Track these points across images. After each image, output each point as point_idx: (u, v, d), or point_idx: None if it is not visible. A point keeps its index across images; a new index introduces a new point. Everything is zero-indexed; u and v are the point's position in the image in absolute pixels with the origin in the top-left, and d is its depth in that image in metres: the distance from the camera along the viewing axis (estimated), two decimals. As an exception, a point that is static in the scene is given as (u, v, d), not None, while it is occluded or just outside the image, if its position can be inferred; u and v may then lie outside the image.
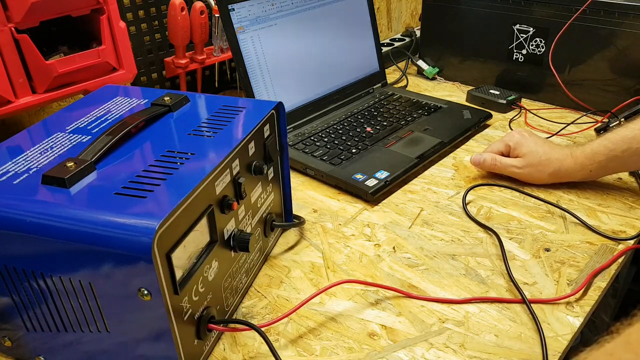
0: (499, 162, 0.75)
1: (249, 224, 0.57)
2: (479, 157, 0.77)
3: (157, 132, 0.54)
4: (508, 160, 0.75)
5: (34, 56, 0.66)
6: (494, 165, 0.76)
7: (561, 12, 0.94)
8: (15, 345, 0.50)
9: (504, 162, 0.75)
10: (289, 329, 0.54)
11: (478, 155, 0.77)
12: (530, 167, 0.73)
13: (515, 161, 0.74)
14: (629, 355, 0.27)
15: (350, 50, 1.00)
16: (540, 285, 0.58)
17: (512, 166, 0.74)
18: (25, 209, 0.42)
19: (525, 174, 0.74)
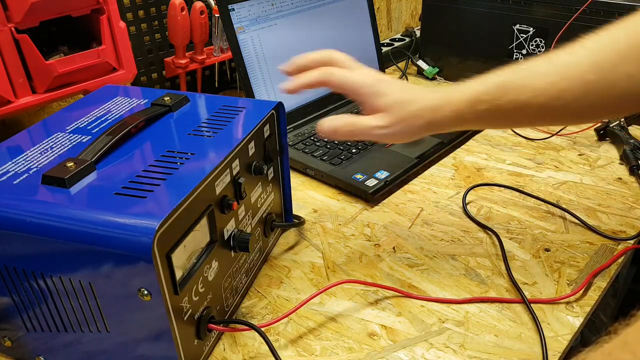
0: (356, 123, 0.55)
1: (249, 224, 0.57)
2: (327, 123, 0.56)
3: (157, 132, 0.54)
4: (367, 120, 0.55)
5: (34, 56, 0.66)
6: (350, 131, 0.55)
7: (561, 12, 0.94)
8: (15, 345, 0.50)
9: (361, 123, 0.55)
10: (289, 329, 0.54)
11: (325, 121, 0.56)
12: (399, 123, 0.54)
13: (378, 119, 0.54)
14: (627, 356, 0.27)
15: (350, 50, 0.99)
16: (540, 285, 0.58)
17: (374, 127, 0.55)
18: (25, 209, 0.42)
19: (392, 134, 0.55)
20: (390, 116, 0.54)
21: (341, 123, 0.56)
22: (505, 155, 0.85)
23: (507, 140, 0.89)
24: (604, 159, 0.82)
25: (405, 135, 0.55)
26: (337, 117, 0.56)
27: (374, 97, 0.55)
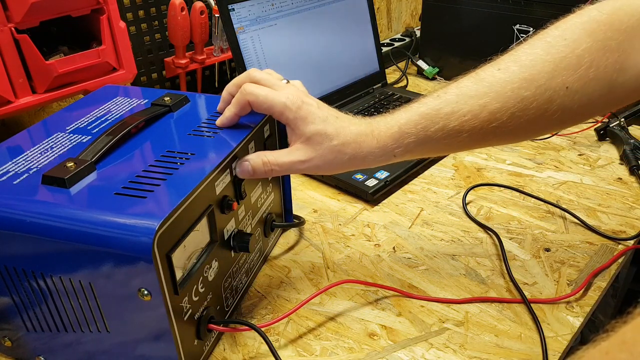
0: (274, 163, 0.51)
1: (249, 224, 0.57)
2: (245, 165, 0.51)
3: (157, 132, 0.54)
4: (285, 156, 0.51)
5: (34, 56, 0.66)
6: (269, 171, 0.51)
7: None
8: (15, 345, 0.50)
9: (280, 160, 0.51)
10: (288, 329, 0.54)
11: (242, 162, 0.51)
12: (319, 158, 0.50)
13: (297, 153, 0.51)
14: (624, 355, 0.27)
15: (350, 50, 1.00)
16: (540, 285, 0.58)
17: (296, 162, 0.51)
18: (25, 209, 0.42)
19: (312, 168, 0.51)
20: (311, 149, 0.50)
21: (257, 163, 0.51)
22: (505, 155, 0.85)
23: (507, 140, 0.89)
24: (604, 159, 0.82)
25: (327, 169, 0.52)
26: (253, 157, 0.51)
27: (297, 123, 0.50)
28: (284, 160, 0.51)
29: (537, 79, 0.48)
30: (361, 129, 0.51)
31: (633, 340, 0.27)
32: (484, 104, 0.49)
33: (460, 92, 0.50)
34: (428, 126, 0.50)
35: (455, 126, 0.49)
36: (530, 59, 0.49)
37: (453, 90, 0.50)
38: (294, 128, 0.51)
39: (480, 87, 0.50)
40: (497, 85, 0.49)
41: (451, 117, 0.49)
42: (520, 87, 0.48)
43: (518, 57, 0.50)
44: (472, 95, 0.49)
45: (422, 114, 0.50)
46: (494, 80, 0.49)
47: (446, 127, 0.49)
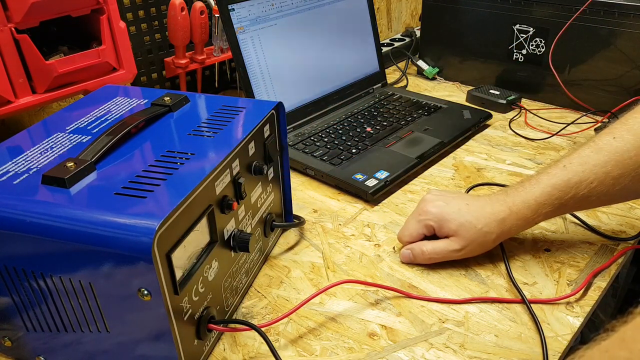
0: (432, 252, 0.60)
1: (249, 224, 0.57)
2: (407, 253, 0.62)
3: (157, 132, 0.54)
4: (443, 246, 0.60)
5: (34, 56, 0.66)
6: (429, 259, 0.61)
7: (561, 12, 0.94)
8: (15, 345, 0.50)
9: (438, 249, 0.60)
10: (289, 329, 0.54)
11: (404, 251, 0.62)
12: (471, 243, 0.58)
13: (451, 243, 0.59)
14: (624, 353, 0.28)
15: (350, 50, 1.00)
16: (540, 286, 0.58)
17: (452, 251, 0.59)
18: (25, 209, 0.42)
19: (468, 253, 0.60)
20: (463, 239, 0.58)
21: (417, 252, 0.61)
22: (505, 155, 0.85)
23: (507, 140, 0.89)
24: (604, 159, 0.82)
25: (480, 250, 0.60)
26: (414, 246, 0.61)
27: (441, 226, 0.59)
28: (442, 250, 0.60)
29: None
30: (496, 208, 0.58)
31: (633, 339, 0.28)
32: (607, 171, 0.55)
33: (583, 161, 0.56)
34: (561, 196, 0.56)
35: (584, 193, 0.56)
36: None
37: (576, 160, 0.57)
38: (441, 228, 0.60)
39: (601, 156, 0.55)
40: (616, 154, 0.55)
41: (580, 186, 0.56)
42: (638, 155, 0.54)
43: (629, 125, 0.56)
44: (594, 164, 0.55)
45: (554, 185, 0.56)
46: (612, 149, 0.55)
47: (577, 195, 0.56)
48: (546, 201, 0.57)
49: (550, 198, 0.56)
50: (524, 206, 0.57)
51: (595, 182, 0.55)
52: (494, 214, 0.58)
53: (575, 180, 0.56)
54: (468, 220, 0.58)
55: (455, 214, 0.59)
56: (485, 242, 0.59)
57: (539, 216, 0.58)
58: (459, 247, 0.59)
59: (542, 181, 0.57)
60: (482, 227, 0.58)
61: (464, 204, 0.59)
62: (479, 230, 0.58)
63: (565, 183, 0.56)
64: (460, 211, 0.59)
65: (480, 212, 0.58)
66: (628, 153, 0.54)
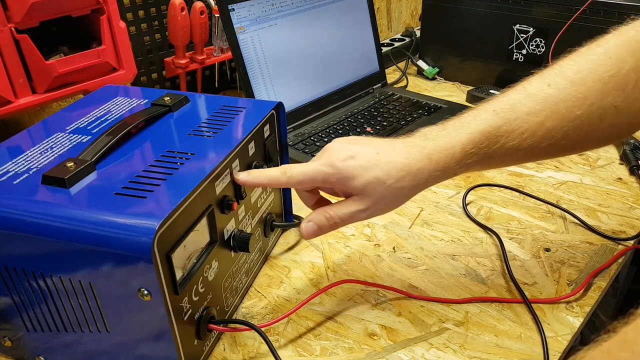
0: (336, 217, 0.50)
1: (249, 224, 0.57)
2: (310, 225, 0.50)
3: (157, 132, 0.54)
4: (345, 208, 0.50)
5: (34, 56, 0.66)
6: (333, 224, 0.50)
7: (561, 12, 0.94)
8: (15, 345, 0.50)
9: (341, 213, 0.49)
10: (288, 329, 0.54)
11: (306, 224, 0.50)
12: (379, 202, 0.49)
13: (355, 204, 0.49)
14: (625, 354, 0.28)
15: (350, 50, 1.00)
16: (540, 285, 0.58)
17: (356, 212, 0.49)
18: (25, 209, 0.42)
19: (376, 212, 0.50)
20: (368, 197, 0.49)
21: (321, 220, 0.50)
22: (505, 155, 0.84)
23: (507, 140, 0.89)
24: (604, 159, 0.82)
25: (390, 208, 0.51)
26: (315, 216, 0.50)
27: (343, 182, 0.49)
28: (345, 212, 0.50)
29: (589, 98, 0.48)
30: (412, 155, 0.49)
31: (634, 340, 0.27)
32: (541, 121, 0.49)
33: (514, 107, 0.49)
34: (490, 145, 0.49)
35: (514, 144, 0.49)
36: (578, 76, 0.49)
37: (506, 106, 0.50)
38: (344, 187, 0.50)
39: (534, 103, 0.49)
40: (550, 102, 0.49)
41: (510, 135, 0.49)
42: (574, 106, 0.48)
43: (564, 73, 0.50)
44: (527, 112, 0.49)
45: (484, 132, 0.49)
46: (546, 96, 0.49)
47: (506, 145, 0.49)
48: (473, 149, 0.49)
49: (477, 146, 0.49)
50: (447, 154, 0.49)
51: (527, 133, 0.49)
52: (409, 165, 0.48)
53: (505, 129, 0.48)
54: (376, 177, 0.48)
55: (361, 169, 0.48)
56: (396, 198, 0.50)
57: (461, 167, 0.49)
58: (365, 207, 0.49)
59: (470, 125, 0.49)
60: (392, 182, 0.48)
61: (374, 153, 0.49)
62: (388, 186, 0.48)
63: (496, 130, 0.48)
64: (369, 165, 0.48)
65: (392, 163, 0.48)
66: (564, 103, 0.48)
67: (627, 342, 0.28)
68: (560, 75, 0.50)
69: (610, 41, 0.51)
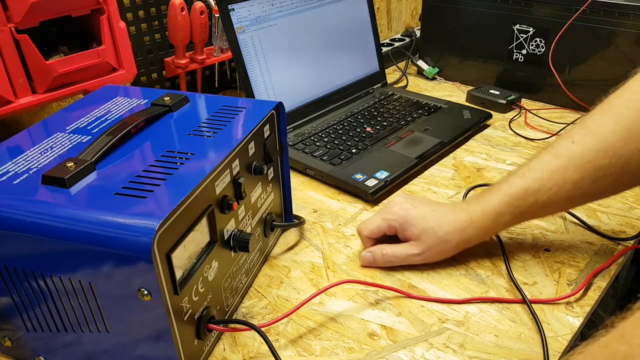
0: (392, 255, 0.60)
1: (249, 224, 0.57)
2: (368, 256, 0.61)
3: (157, 132, 0.54)
4: (402, 250, 0.60)
5: (34, 56, 0.66)
6: (388, 262, 0.61)
7: (561, 12, 0.94)
8: (15, 345, 0.50)
9: (398, 253, 0.60)
10: (288, 329, 0.54)
11: (366, 254, 0.61)
12: (431, 249, 0.59)
13: (411, 247, 0.59)
14: (623, 347, 0.28)
15: (350, 50, 1.00)
16: (540, 285, 0.58)
17: (411, 255, 0.59)
18: (25, 209, 0.42)
19: (427, 259, 0.60)
20: (423, 244, 0.59)
21: (378, 255, 0.61)
22: (505, 155, 0.85)
23: (507, 140, 0.89)
24: (604, 159, 0.82)
25: (438, 258, 0.60)
26: (374, 249, 0.61)
27: (404, 229, 0.60)
28: (402, 254, 0.60)
29: (612, 148, 0.53)
30: (459, 217, 0.58)
31: (632, 334, 0.28)
32: (566, 177, 0.54)
33: (542, 168, 0.55)
34: (521, 205, 0.56)
35: (544, 200, 0.55)
36: (601, 129, 0.54)
37: (535, 167, 0.56)
38: (404, 231, 0.60)
39: (560, 162, 0.55)
40: (575, 159, 0.54)
41: (539, 193, 0.55)
42: (597, 158, 0.53)
43: (590, 129, 0.55)
44: (554, 170, 0.55)
45: (513, 195, 0.56)
46: (571, 154, 0.54)
47: (537, 202, 0.55)
48: (505, 210, 0.56)
49: (509, 207, 0.56)
50: (484, 216, 0.57)
51: (555, 188, 0.54)
52: (456, 222, 0.58)
53: (534, 188, 0.55)
54: (431, 227, 0.58)
55: (419, 218, 0.59)
56: (445, 250, 0.59)
57: (498, 225, 0.58)
58: (419, 252, 0.59)
59: (501, 190, 0.57)
60: (443, 234, 0.58)
61: (429, 209, 0.60)
62: (440, 237, 0.58)
63: (524, 191, 0.55)
64: (425, 216, 0.59)
65: (444, 219, 0.58)
66: (587, 157, 0.53)
67: (625, 336, 0.28)
68: (584, 132, 0.55)
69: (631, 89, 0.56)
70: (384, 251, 0.60)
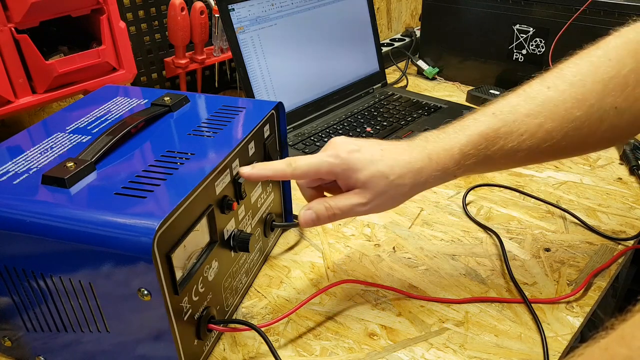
0: (336, 207, 0.50)
1: (249, 224, 0.57)
2: (309, 214, 0.50)
3: (157, 132, 0.54)
4: (345, 200, 0.50)
5: (34, 56, 0.66)
6: (332, 215, 0.50)
7: (561, 12, 0.94)
8: (15, 345, 0.50)
9: (341, 204, 0.50)
10: (288, 329, 0.54)
11: (306, 212, 0.51)
12: (380, 196, 0.50)
13: (356, 196, 0.50)
14: (623, 350, 0.28)
15: (350, 50, 1.00)
16: (540, 285, 0.58)
17: (356, 205, 0.50)
18: (25, 209, 0.42)
19: (375, 207, 0.51)
20: (370, 191, 0.50)
21: (320, 209, 0.50)
22: (505, 155, 0.84)
23: (507, 140, 0.89)
24: (604, 159, 0.82)
25: (389, 205, 0.52)
26: (314, 204, 0.51)
27: (347, 174, 0.50)
28: (345, 204, 0.50)
29: (588, 99, 0.49)
30: (414, 155, 0.50)
31: (632, 336, 0.28)
32: (540, 123, 0.49)
33: (514, 109, 0.50)
34: (488, 146, 0.50)
35: (513, 145, 0.50)
36: (578, 78, 0.50)
37: (506, 108, 0.50)
38: (347, 179, 0.50)
39: (533, 105, 0.50)
40: (550, 104, 0.49)
41: (509, 137, 0.50)
42: (573, 107, 0.49)
43: (564, 75, 0.50)
44: (526, 113, 0.50)
45: (482, 134, 0.50)
46: (546, 98, 0.50)
47: (505, 146, 0.50)
48: (471, 151, 0.50)
49: (476, 148, 0.50)
50: (446, 155, 0.50)
51: (526, 135, 0.49)
52: (411, 162, 0.50)
53: (504, 130, 0.49)
54: (380, 171, 0.49)
55: (366, 161, 0.49)
56: (396, 195, 0.50)
57: (460, 168, 0.51)
58: (365, 201, 0.50)
59: (469, 127, 0.50)
60: (394, 178, 0.49)
61: (377, 149, 0.51)
62: (390, 182, 0.49)
63: (495, 132, 0.49)
64: (373, 159, 0.49)
65: (395, 160, 0.50)
66: (563, 104, 0.49)
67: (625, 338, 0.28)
68: (559, 77, 0.51)
69: (610, 43, 0.52)
70: (326, 204, 0.50)
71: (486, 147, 0.50)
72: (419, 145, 0.51)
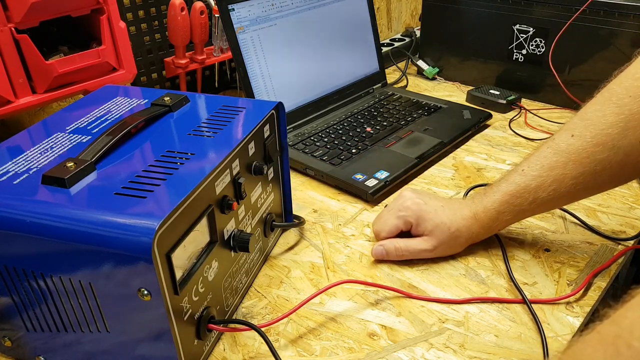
0: (405, 249, 0.61)
1: (249, 224, 0.57)
2: (380, 249, 0.62)
3: (157, 132, 0.54)
4: (415, 244, 0.61)
5: (34, 56, 0.66)
6: (401, 256, 0.61)
7: (561, 12, 0.94)
8: (15, 345, 0.50)
9: (411, 248, 0.61)
10: (288, 329, 0.54)
11: (378, 247, 0.62)
12: (443, 244, 0.60)
13: (424, 243, 0.61)
14: (612, 328, 0.29)
15: (350, 50, 1.00)
16: (540, 286, 0.58)
17: (423, 251, 0.61)
18: (25, 209, 0.42)
19: (438, 253, 0.61)
20: (436, 239, 0.60)
21: (390, 248, 0.61)
22: (505, 155, 0.85)
23: (507, 140, 0.89)
24: (604, 159, 0.82)
25: (448, 252, 0.62)
26: (387, 243, 0.62)
27: (419, 224, 0.61)
28: (415, 249, 0.61)
29: (609, 142, 0.52)
30: (465, 214, 0.60)
31: (621, 315, 0.29)
32: (566, 173, 0.54)
33: (541, 163, 0.56)
34: (521, 203, 0.57)
35: (544, 196, 0.56)
36: (601, 121, 0.53)
37: (535, 163, 0.56)
38: (418, 227, 0.61)
39: (560, 157, 0.55)
40: (575, 154, 0.54)
41: (539, 190, 0.56)
42: (595, 152, 0.53)
43: (589, 120, 0.54)
44: (552, 166, 0.55)
45: (513, 193, 0.57)
46: (571, 149, 0.54)
47: (537, 199, 0.56)
48: (506, 209, 0.58)
49: (509, 206, 0.57)
50: (485, 215, 0.59)
51: (554, 185, 0.55)
52: (463, 218, 0.59)
53: (534, 186, 0.56)
54: (443, 222, 0.59)
55: (432, 213, 0.60)
56: (455, 245, 0.61)
57: (500, 223, 0.59)
58: (432, 247, 0.60)
59: (501, 189, 0.58)
60: (454, 230, 0.59)
61: (439, 205, 0.61)
62: (451, 233, 0.59)
63: (524, 189, 0.56)
64: (437, 212, 0.60)
65: (453, 215, 0.60)
66: (585, 151, 0.53)
67: (615, 320, 0.29)
68: (584, 124, 0.54)
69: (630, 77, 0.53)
70: (397, 245, 0.61)
71: (519, 203, 0.57)
72: (467, 205, 0.60)
